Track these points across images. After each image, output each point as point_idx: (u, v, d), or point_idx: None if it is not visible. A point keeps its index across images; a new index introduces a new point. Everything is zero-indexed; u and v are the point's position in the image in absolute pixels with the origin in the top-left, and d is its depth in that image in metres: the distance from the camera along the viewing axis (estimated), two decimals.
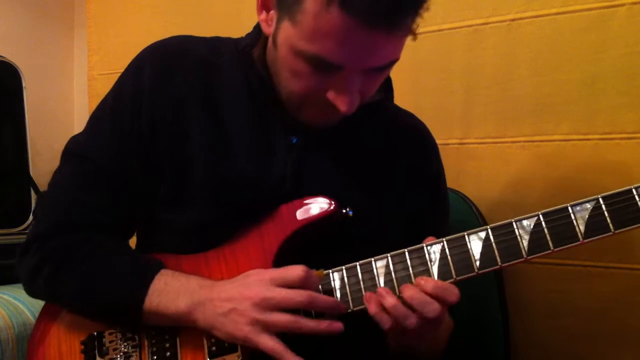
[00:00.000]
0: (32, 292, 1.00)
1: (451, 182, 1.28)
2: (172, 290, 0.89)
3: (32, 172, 1.84)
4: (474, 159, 1.45)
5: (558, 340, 1.37)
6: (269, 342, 0.83)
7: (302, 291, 0.85)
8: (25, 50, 2.06)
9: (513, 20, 1.39)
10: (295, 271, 0.86)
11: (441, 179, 1.11)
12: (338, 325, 0.85)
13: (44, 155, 1.02)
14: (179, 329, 0.92)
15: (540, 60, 1.36)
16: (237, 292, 0.86)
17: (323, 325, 0.85)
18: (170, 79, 0.97)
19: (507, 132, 1.41)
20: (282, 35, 0.87)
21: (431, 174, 1.09)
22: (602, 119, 1.30)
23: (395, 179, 1.03)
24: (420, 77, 1.50)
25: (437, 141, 1.13)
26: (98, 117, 1.01)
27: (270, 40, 0.92)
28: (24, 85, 1.88)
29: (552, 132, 1.36)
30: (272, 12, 0.90)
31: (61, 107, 2.20)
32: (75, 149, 1.00)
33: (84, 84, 2.15)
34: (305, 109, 0.93)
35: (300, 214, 0.93)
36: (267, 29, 0.92)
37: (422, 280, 0.85)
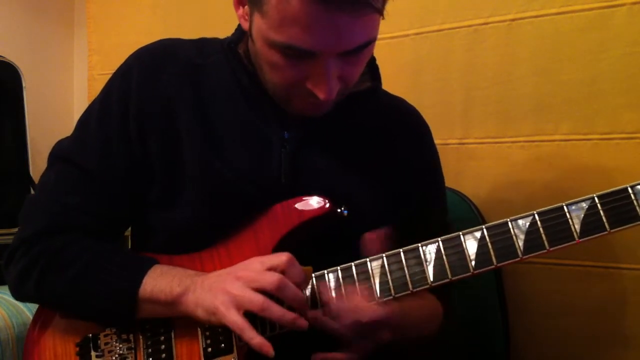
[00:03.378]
0: (21, 297, 0.99)
1: (451, 182, 1.28)
2: (167, 277, 0.89)
3: (32, 172, 1.85)
4: (474, 159, 1.45)
5: (557, 340, 1.37)
6: (233, 317, 0.82)
7: (275, 274, 0.84)
8: (25, 50, 2.07)
9: (513, 20, 1.39)
10: (282, 254, 0.86)
11: (438, 165, 1.11)
12: (302, 323, 0.83)
13: (44, 155, 1.02)
14: (173, 328, 0.91)
15: (540, 60, 1.36)
16: (226, 271, 0.88)
17: (288, 316, 0.83)
18: (158, 81, 0.97)
19: (507, 132, 1.41)
20: (256, 28, 0.87)
21: (428, 160, 1.09)
22: (602, 119, 1.30)
23: (392, 168, 1.02)
24: (420, 77, 1.49)
25: (437, 141, 1.13)
26: (84, 121, 1.01)
27: (248, 35, 0.92)
28: (24, 85, 1.88)
29: (552, 132, 1.36)
30: (246, 6, 0.90)
31: (61, 107, 2.20)
32: (59, 153, 1.00)
33: (84, 84, 2.16)
34: (292, 100, 0.92)
35: (295, 214, 0.92)
36: (245, 24, 0.92)
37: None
